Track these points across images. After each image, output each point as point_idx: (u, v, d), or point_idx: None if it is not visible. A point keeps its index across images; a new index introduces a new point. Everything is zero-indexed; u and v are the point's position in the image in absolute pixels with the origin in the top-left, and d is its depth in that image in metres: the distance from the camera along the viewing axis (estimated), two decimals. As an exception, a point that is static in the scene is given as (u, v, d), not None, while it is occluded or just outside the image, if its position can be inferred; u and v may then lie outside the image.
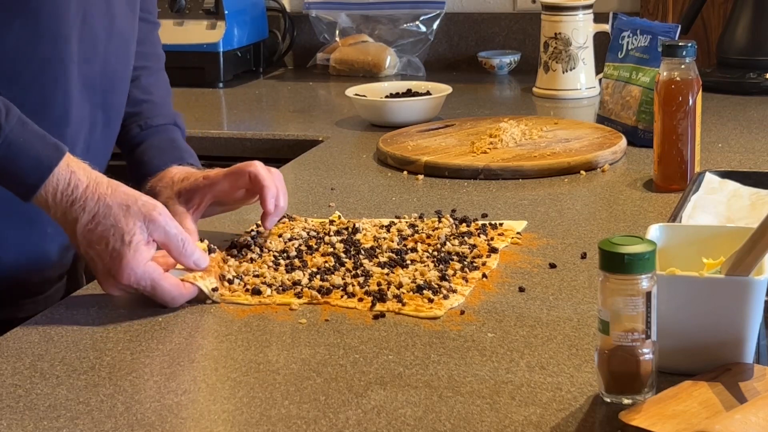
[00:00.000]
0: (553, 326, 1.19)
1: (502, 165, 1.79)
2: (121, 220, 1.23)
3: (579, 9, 2.41)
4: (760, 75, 2.39)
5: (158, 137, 1.55)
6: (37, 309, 1.37)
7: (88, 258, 1.25)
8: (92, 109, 1.42)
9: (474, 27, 2.87)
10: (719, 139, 1.99)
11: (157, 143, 1.54)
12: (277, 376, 1.09)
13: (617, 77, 2.01)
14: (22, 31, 1.30)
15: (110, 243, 1.23)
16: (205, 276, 1.30)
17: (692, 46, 1.62)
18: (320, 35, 2.90)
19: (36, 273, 1.43)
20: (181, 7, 2.71)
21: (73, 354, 1.16)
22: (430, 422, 0.99)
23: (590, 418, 0.99)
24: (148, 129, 1.56)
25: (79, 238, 1.24)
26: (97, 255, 1.24)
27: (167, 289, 1.25)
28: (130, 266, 1.23)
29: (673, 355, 1.03)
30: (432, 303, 1.25)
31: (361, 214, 1.61)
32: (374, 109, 2.21)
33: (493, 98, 2.57)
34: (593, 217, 1.58)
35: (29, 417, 1.03)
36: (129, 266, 1.23)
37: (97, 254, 1.24)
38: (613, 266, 0.98)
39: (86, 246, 1.24)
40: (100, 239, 1.23)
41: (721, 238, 1.12)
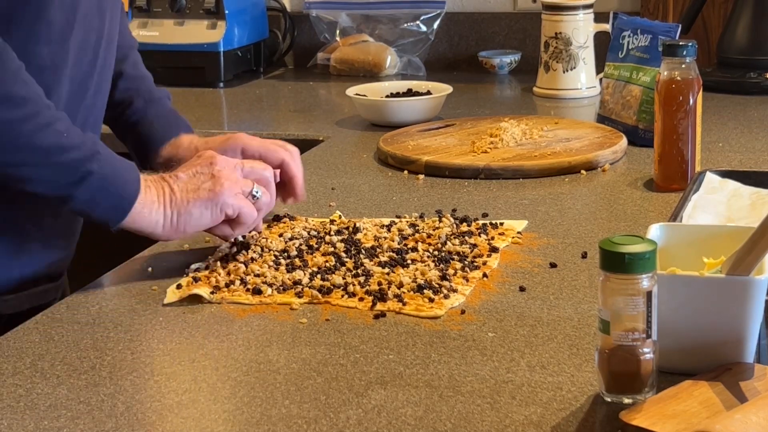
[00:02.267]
0: (554, 326, 1.19)
1: (502, 164, 1.79)
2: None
3: (579, 9, 2.41)
4: (760, 75, 2.39)
5: (162, 108, 1.59)
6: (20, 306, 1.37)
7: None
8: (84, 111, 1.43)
9: (474, 27, 2.87)
10: (720, 138, 1.99)
11: (163, 114, 1.59)
12: (278, 376, 1.09)
13: (618, 77, 2.01)
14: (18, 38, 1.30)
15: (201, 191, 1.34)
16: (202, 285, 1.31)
17: (693, 45, 1.62)
18: (321, 35, 2.90)
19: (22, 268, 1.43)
20: (181, 7, 2.71)
21: (74, 353, 1.16)
22: (430, 422, 0.99)
23: (591, 418, 0.99)
24: (151, 101, 1.58)
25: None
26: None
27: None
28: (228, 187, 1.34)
29: (674, 355, 1.03)
30: (432, 302, 1.25)
31: (362, 213, 1.61)
32: (375, 109, 2.21)
33: (493, 98, 2.57)
34: (594, 217, 1.58)
35: (30, 416, 1.03)
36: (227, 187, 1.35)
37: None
38: (613, 266, 0.98)
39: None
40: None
41: (721, 238, 1.12)
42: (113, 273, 1.42)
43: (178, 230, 1.34)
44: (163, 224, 1.33)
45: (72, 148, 1.26)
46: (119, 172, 1.30)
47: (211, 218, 1.35)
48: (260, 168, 1.41)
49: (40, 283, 1.42)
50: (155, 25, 2.74)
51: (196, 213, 1.34)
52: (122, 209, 1.30)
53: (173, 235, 1.35)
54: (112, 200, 1.29)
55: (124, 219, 1.30)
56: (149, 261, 1.45)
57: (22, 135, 1.24)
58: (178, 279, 1.35)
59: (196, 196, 1.34)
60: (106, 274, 1.42)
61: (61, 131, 1.26)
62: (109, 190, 1.28)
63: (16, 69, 1.25)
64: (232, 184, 1.35)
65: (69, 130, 1.27)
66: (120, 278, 1.40)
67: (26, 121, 1.24)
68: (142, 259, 1.46)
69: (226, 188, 1.34)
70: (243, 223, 1.37)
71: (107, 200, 1.29)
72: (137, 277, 1.39)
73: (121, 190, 1.29)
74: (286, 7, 2.96)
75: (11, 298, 1.38)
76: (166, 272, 1.39)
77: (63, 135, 1.26)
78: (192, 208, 1.33)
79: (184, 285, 1.33)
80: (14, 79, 1.24)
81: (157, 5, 2.75)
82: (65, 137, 1.26)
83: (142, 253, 1.48)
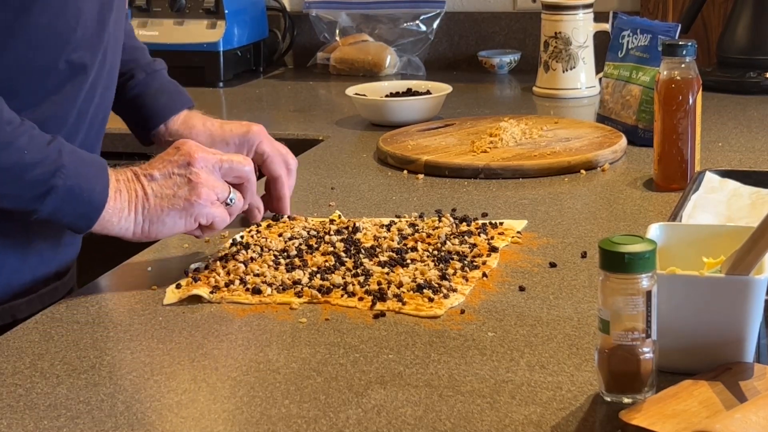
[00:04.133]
0: (554, 325, 1.19)
1: (502, 164, 1.79)
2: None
3: (579, 8, 2.41)
4: (760, 74, 2.39)
5: (164, 80, 1.59)
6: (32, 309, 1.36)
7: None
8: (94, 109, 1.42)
9: (474, 26, 2.87)
10: (719, 138, 1.99)
11: (166, 86, 1.58)
12: (278, 376, 1.09)
13: (617, 76, 2.01)
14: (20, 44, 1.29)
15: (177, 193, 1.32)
16: (202, 285, 1.31)
17: (692, 45, 1.62)
18: (320, 35, 2.90)
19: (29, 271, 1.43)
20: (181, 7, 2.71)
21: (74, 353, 1.16)
22: (430, 421, 0.99)
23: (590, 418, 0.99)
24: (152, 73, 1.58)
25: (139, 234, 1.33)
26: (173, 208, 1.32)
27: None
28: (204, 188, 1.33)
29: (674, 355, 1.03)
30: (432, 302, 1.25)
31: (362, 213, 1.61)
32: (374, 109, 2.21)
33: (493, 97, 2.57)
34: (593, 217, 1.58)
35: (29, 416, 1.03)
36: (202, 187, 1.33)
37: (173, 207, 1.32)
38: (613, 265, 0.98)
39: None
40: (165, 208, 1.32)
41: (721, 238, 1.12)
42: (113, 273, 1.42)
43: (149, 237, 1.33)
44: (134, 231, 1.31)
45: (34, 165, 1.23)
46: (86, 181, 1.27)
47: (184, 227, 1.33)
48: (240, 165, 1.38)
49: (50, 282, 1.42)
50: (155, 24, 2.74)
51: (169, 222, 1.32)
52: (89, 218, 1.28)
53: (143, 240, 1.34)
54: (79, 210, 1.27)
55: (92, 227, 1.29)
56: (149, 261, 1.45)
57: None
58: (177, 279, 1.35)
59: (170, 205, 1.31)
60: (106, 273, 1.42)
61: (21, 148, 1.23)
62: (75, 201, 1.26)
63: None
64: (209, 192, 1.33)
65: (30, 144, 1.24)
66: (120, 278, 1.40)
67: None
68: (142, 259, 1.46)
69: (203, 197, 1.32)
70: (214, 228, 1.36)
71: (73, 211, 1.26)
72: (137, 277, 1.39)
73: (87, 200, 1.27)
74: (285, 7, 2.96)
75: (23, 301, 1.38)
76: (166, 272, 1.39)
77: (24, 153, 1.23)
78: (165, 217, 1.31)
79: (184, 285, 1.33)
80: None
81: (157, 5, 2.75)
82: (26, 154, 1.23)
83: (142, 253, 1.47)
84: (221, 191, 1.35)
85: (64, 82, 1.33)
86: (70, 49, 1.33)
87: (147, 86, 1.57)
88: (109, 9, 1.38)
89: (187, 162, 1.33)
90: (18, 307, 1.37)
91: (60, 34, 1.32)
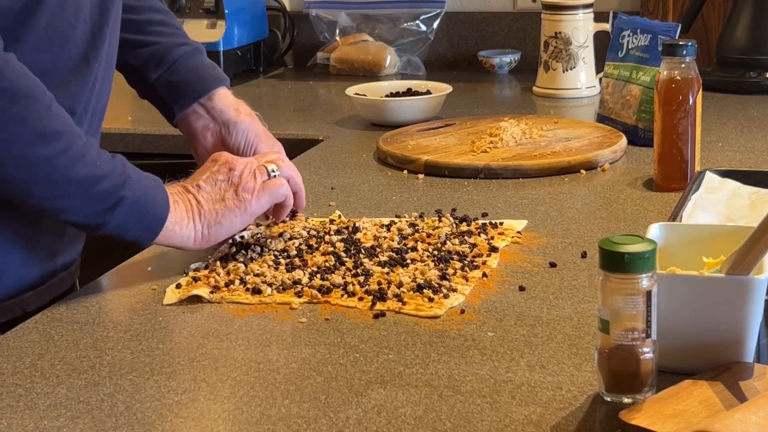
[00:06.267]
0: (554, 325, 1.19)
1: (502, 164, 1.79)
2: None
3: (579, 8, 2.41)
4: (760, 74, 2.39)
5: (199, 58, 1.61)
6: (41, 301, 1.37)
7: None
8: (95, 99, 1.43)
9: (474, 26, 2.87)
10: (719, 138, 1.99)
11: (200, 63, 1.61)
12: (278, 376, 1.09)
13: (617, 76, 2.01)
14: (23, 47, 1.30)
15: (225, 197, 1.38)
16: (202, 285, 1.31)
17: (692, 45, 1.62)
18: (320, 34, 2.90)
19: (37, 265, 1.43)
20: (181, 6, 2.71)
21: (74, 353, 1.16)
22: (430, 421, 0.99)
23: (590, 417, 0.99)
24: (192, 49, 1.61)
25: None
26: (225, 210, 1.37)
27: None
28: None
29: (673, 354, 1.03)
30: (432, 302, 1.25)
31: (362, 213, 1.61)
32: (374, 109, 2.21)
33: (493, 97, 2.57)
34: (593, 217, 1.58)
35: (29, 416, 1.03)
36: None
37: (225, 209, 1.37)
38: (613, 265, 0.98)
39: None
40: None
41: (721, 238, 1.12)
42: (113, 273, 1.42)
43: (209, 241, 1.37)
44: (194, 238, 1.35)
45: (105, 177, 1.27)
46: (150, 193, 1.31)
47: (241, 225, 1.39)
48: (271, 155, 1.46)
49: (57, 273, 1.43)
50: (155, 24, 2.74)
51: (227, 223, 1.37)
52: (154, 229, 1.31)
53: (204, 246, 1.38)
54: (145, 222, 1.30)
55: (156, 238, 1.32)
56: (149, 261, 1.45)
57: (57, 170, 1.24)
58: (177, 279, 1.36)
59: (223, 206, 1.37)
60: (106, 273, 1.42)
61: (93, 161, 1.27)
62: (141, 213, 1.29)
63: (48, 103, 1.25)
64: (254, 185, 1.38)
65: (100, 157, 1.28)
66: (120, 278, 1.40)
67: (60, 155, 1.24)
68: (142, 259, 1.46)
69: (249, 192, 1.38)
70: (284, 206, 1.43)
71: (140, 223, 1.30)
72: (137, 277, 1.40)
73: (152, 211, 1.31)
74: (285, 7, 2.96)
75: (32, 294, 1.39)
76: (166, 272, 1.39)
77: (96, 164, 1.27)
78: (222, 219, 1.36)
79: (184, 285, 1.33)
80: (48, 114, 1.24)
81: (157, 5, 2.74)
82: (98, 166, 1.27)
83: (141, 253, 1.48)
84: (260, 173, 1.40)
85: (70, 78, 1.34)
86: (71, 45, 1.34)
87: (188, 58, 1.59)
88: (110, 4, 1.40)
89: (228, 168, 1.39)
90: (27, 300, 1.38)
91: (61, 33, 1.33)
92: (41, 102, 1.24)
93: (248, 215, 1.38)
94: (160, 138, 2.25)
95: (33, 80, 1.24)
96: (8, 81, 1.21)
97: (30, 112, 1.22)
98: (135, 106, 2.42)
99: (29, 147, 1.22)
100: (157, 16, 1.59)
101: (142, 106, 1.92)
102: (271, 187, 1.40)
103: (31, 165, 1.23)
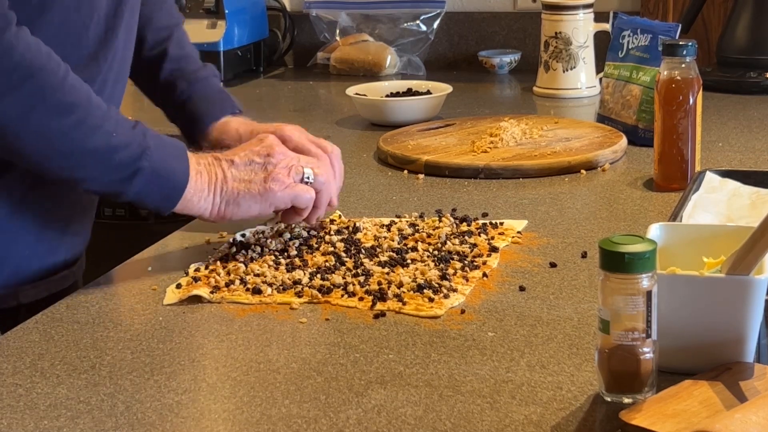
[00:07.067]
0: (554, 325, 1.19)
1: (502, 164, 1.79)
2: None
3: (579, 8, 2.41)
4: (760, 74, 2.39)
5: (207, 89, 1.62)
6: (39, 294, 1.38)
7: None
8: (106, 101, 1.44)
9: (474, 26, 2.87)
10: (719, 138, 1.99)
11: (208, 94, 1.61)
12: (278, 376, 1.09)
13: (617, 76, 2.01)
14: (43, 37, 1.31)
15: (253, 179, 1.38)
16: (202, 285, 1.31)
17: (693, 45, 1.62)
18: (320, 34, 2.90)
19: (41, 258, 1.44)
20: (181, 6, 2.71)
21: (74, 353, 1.16)
22: (430, 421, 0.99)
23: (590, 418, 0.99)
24: (196, 83, 1.61)
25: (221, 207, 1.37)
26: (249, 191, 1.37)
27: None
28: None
29: (674, 354, 1.03)
30: (432, 302, 1.25)
31: (362, 213, 1.61)
32: (374, 109, 2.21)
33: (493, 97, 2.57)
34: (593, 217, 1.58)
35: (29, 416, 1.03)
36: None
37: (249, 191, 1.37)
38: (613, 265, 0.98)
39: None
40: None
41: (721, 238, 1.12)
42: (113, 273, 1.42)
43: (224, 217, 1.38)
44: (211, 210, 1.36)
45: (122, 147, 1.28)
46: (169, 163, 1.32)
47: (258, 211, 1.39)
48: (315, 161, 1.44)
49: (58, 270, 1.43)
50: (155, 24, 2.74)
51: (245, 205, 1.37)
52: (172, 199, 1.33)
53: (219, 221, 1.39)
54: (163, 191, 1.32)
55: (174, 207, 1.34)
56: (149, 261, 1.45)
57: (73, 141, 1.26)
58: (178, 279, 1.35)
59: (247, 189, 1.37)
60: (106, 274, 1.42)
61: (110, 131, 1.28)
62: (160, 182, 1.31)
63: (63, 74, 1.26)
64: (284, 178, 1.38)
65: (118, 127, 1.29)
66: (120, 278, 1.40)
67: (76, 127, 1.26)
68: (142, 259, 1.46)
69: (278, 185, 1.37)
70: (304, 208, 1.41)
71: (158, 192, 1.32)
72: (137, 277, 1.40)
73: (171, 181, 1.32)
74: (285, 7, 2.96)
75: (28, 287, 1.39)
76: (166, 272, 1.39)
77: (112, 135, 1.28)
78: (241, 200, 1.37)
79: (184, 285, 1.33)
80: (62, 86, 1.26)
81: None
82: (114, 137, 1.28)
83: (142, 253, 1.48)
84: (296, 172, 1.40)
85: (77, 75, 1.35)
86: (83, 45, 1.36)
87: (190, 95, 1.60)
88: (124, 3, 1.41)
89: (267, 153, 1.39)
90: (24, 292, 1.38)
91: (74, 32, 1.35)
92: (55, 75, 1.25)
93: (267, 205, 1.38)
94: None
95: (46, 54, 1.26)
96: (20, 56, 1.22)
97: (44, 86, 1.24)
98: (135, 107, 2.41)
99: (45, 120, 1.24)
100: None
101: (142, 106, 1.92)
102: (299, 191, 1.39)
103: (47, 138, 1.25)
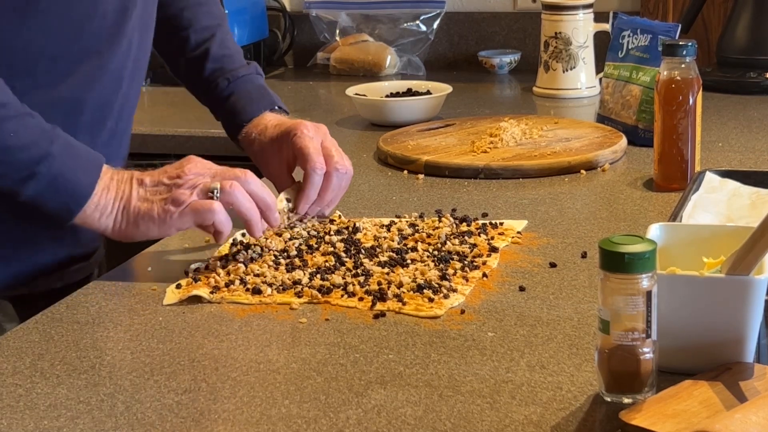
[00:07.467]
0: (554, 325, 1.19)
1: (502, 164, 1.79)
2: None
3: (579, 8, 2.41)
4: (760, 74, 2.39)
5: (246, 86, 1.64)
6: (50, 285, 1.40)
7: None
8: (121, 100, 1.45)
9: (474, 26, 2.87)
10: (719, 138, 1.99)
11: (247, 92, 1.63)
12: (278, 376, 1.09)
13: (617, 76, 2.01)
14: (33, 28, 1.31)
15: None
16: (202, 285, 1.31)
17: (692, 45, 1.62)
18: (320, 34, 2.90)
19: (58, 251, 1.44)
20: (181, 7, 2.71)
21: (74, 353, 1.16)
22: (430, 421, 0.99)
23: (590, 418, 0.99)
24: (236, 80, 1.63)
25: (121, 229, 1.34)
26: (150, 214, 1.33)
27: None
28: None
29: (674, 355, 1.03)
30: (432, 302, 1.25)
31: (362, 213, 1.61)
32: (374, 109, 2.21)
33: (493, 97, 2.57)
34: (593, 217, 1.58)
35: (29, 416, 1.03)
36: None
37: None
38: (613, 265, 0.98)
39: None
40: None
41: (721, 238, 1.12)
42: (113, 273, 1.42)
43: (125, 237, 1.34)
44: (112, 228, 1.33)
45: (19, 149, 1.27)
46: (73, 174, 1.29)
47: (157, 234, 1.35)
48: (232, 174, 1.37)
49: (73, 263, 1.43)
50: (155, 24, 2.74)
51: (143, 227, 1.33)
52: (70, 210, 1.30)
53: (121, 239, 1.35)
54: (61, 200, 1.29)
55: (72, 219, 1.31)
56: (149, 261, 1.45)
57: None
58: (178, 279, 1.35)
59: (147, 209, 1.32)
60: (107, 274, 1.42)
61: (8, 131, 1.26)
62: (57, 191, 1.28)
63: None
64: (185, 198, 1.32)
65: (20, 129, 1.27)
66: (120, 278, 1.40)
67: None
68: (142, 259, 1.46)
69: (175, 205, 1.32)
70: (217, 231, 1.34)
71: (55, 200, 1.29)
72: (137, 277, 1.40)
73: (70, 192, 1.29)
74: (285, 7, 2.96)
75: (45, 278, 1.40)
76: (166, 272, 1.39)
77: (10, 135, 1.27)
78: (140, 220, 1.33)
79: (184, 285, 1.33)
80: None
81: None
82: (12, 137, 1.26)
83: (141, 253, 1.48)
84: (200, 191, 1.33)
85: (77, 66, 1.37)
86: (84, 37, 1.37)
87: (230, 93, 1.63)
88: (132, 3, 1.42)
89: (177, 174, 1.34)
90: (42, 281, 1.38)
91: (75, 22, 1.35)
92: None
93: (166, 227, 1.33)
94: (160, 138, 2.25)
95: None
96: None
97: None
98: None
99: None
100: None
101: (142, 106, 1.92)
102: (199, 208, 1.32)
103: None
